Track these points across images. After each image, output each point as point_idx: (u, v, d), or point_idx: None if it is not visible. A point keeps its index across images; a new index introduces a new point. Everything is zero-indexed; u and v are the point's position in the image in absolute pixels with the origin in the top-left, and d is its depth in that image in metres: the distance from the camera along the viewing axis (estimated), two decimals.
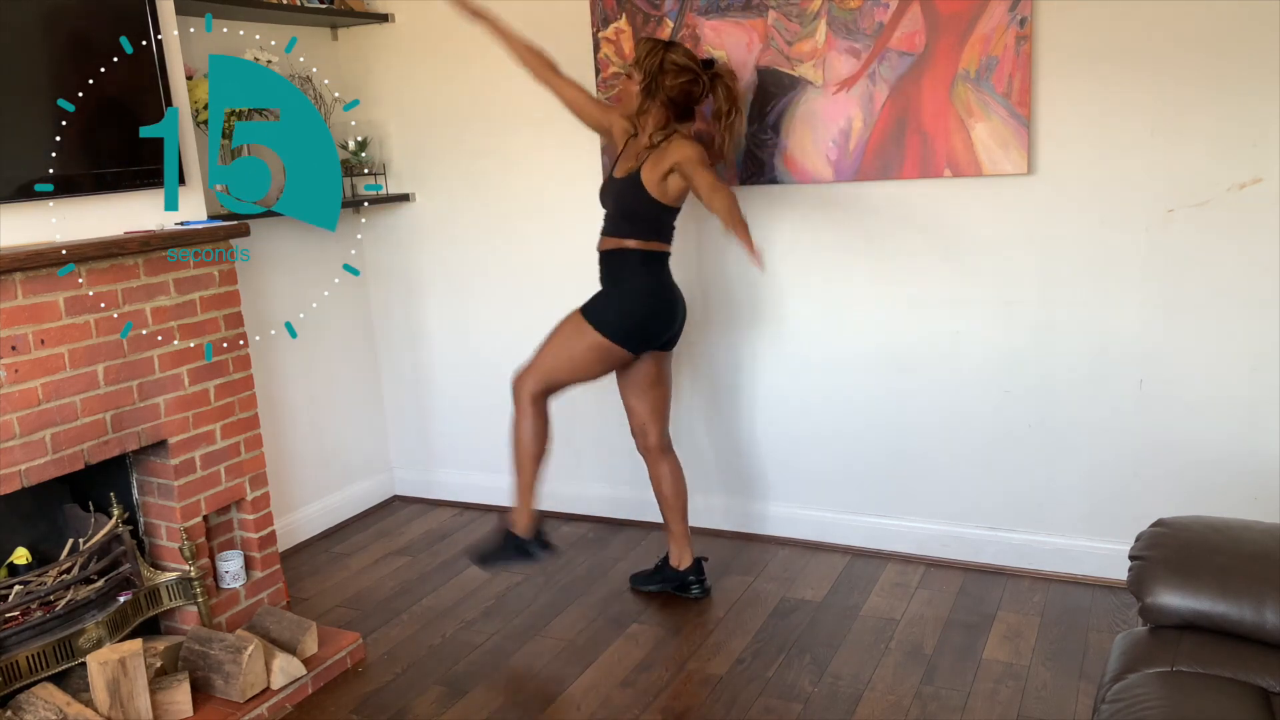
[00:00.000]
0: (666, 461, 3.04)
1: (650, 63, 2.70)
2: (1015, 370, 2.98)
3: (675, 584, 3.06)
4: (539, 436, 2.89)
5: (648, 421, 3.00)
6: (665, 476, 3.04)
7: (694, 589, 3.04)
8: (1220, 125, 2.62)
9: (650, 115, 2.75)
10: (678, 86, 2.71)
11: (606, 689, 2.61)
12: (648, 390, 2.97)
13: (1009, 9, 2.74)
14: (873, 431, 3.21)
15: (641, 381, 2.96)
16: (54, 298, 2.36)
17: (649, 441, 3.02)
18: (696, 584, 3.04)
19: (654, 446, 3.02)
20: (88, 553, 2.53)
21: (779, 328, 3.25)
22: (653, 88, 2.71)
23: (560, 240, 3.54)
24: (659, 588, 3.09)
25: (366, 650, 2.85)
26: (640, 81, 2.72)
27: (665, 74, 2.70)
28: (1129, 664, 1.70)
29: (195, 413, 2.71)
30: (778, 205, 3.17)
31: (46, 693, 2.31)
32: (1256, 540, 1.76)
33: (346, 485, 3.89)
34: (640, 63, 2.72)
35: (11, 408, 2.29)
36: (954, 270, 3.00)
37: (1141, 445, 2.87)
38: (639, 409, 3.00)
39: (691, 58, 2.74)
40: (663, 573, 3.09)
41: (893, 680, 2.56)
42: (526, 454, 2.89)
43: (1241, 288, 2.68)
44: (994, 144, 2.83)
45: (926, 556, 3.20)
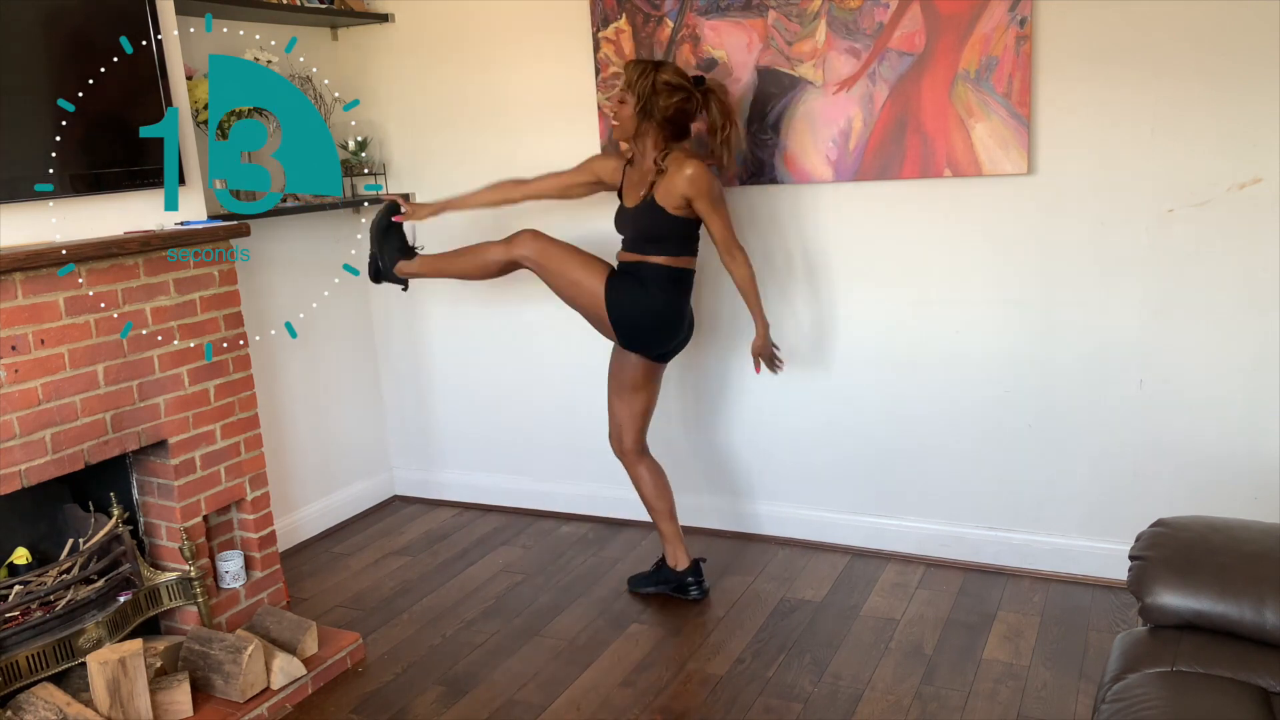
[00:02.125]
0: (643, 465, 3.04)
1: (643, 85, 2.72)
2: (1015, 370, 2.98)
3: (673, 585, 3.06)
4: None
5: (624, 424, 3.00)
6: (644, 480, 3.04)
7: (692, 590, 3.03)
8: (1220, 125, 2.62)
9: (648, 137, 2.78)
10: (672, 106, 2.74)
11: (606, 689, 2.61)
12: (631, 393, 2.97)
13: (1009, 9, 2.74)
14: (873, 431, 3.21)
15: (627, 383, 2.97)
16: (54, 298, 2.36)
17: (623, 445, 3.03)
18: (695, 585, 3.03)
19: (628, 450, 3.03)
20: (88, 553, 2.53)
21: (778, 328, 3.24)
22: (648, 109, 2.74)
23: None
24: (656, 589, 3.09)
25: (366, 650, 2.85)
26: (635, 105, 2.74)
27: (658, 95, 2.72)
28: (1129, 664, 1.70)
29: (195, 413, 2.71)
30: (778, 205, 3.17)
31: (46, 693, 2.31)
32: (1256, 540, 1.76)
33: (346, 485, 3.89)
34: (632, 86, 2.74)
35: (11, 408, 2.29)
36: (954, 270, 3.00)
37: (1141, 445, 2.87)
38: (619, 411, 3.01)
39: (682, 75, 2.76)
40: (660, 574, 3.09)
41: (893, 680, 2.56)
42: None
43: (1241, 288, 2.68)
44: (994, 144, 2.83)
45: (926, 556, 3.20)
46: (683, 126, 2.81)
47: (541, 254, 2.85)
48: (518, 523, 3.73)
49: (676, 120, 2.77)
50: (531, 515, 3.79)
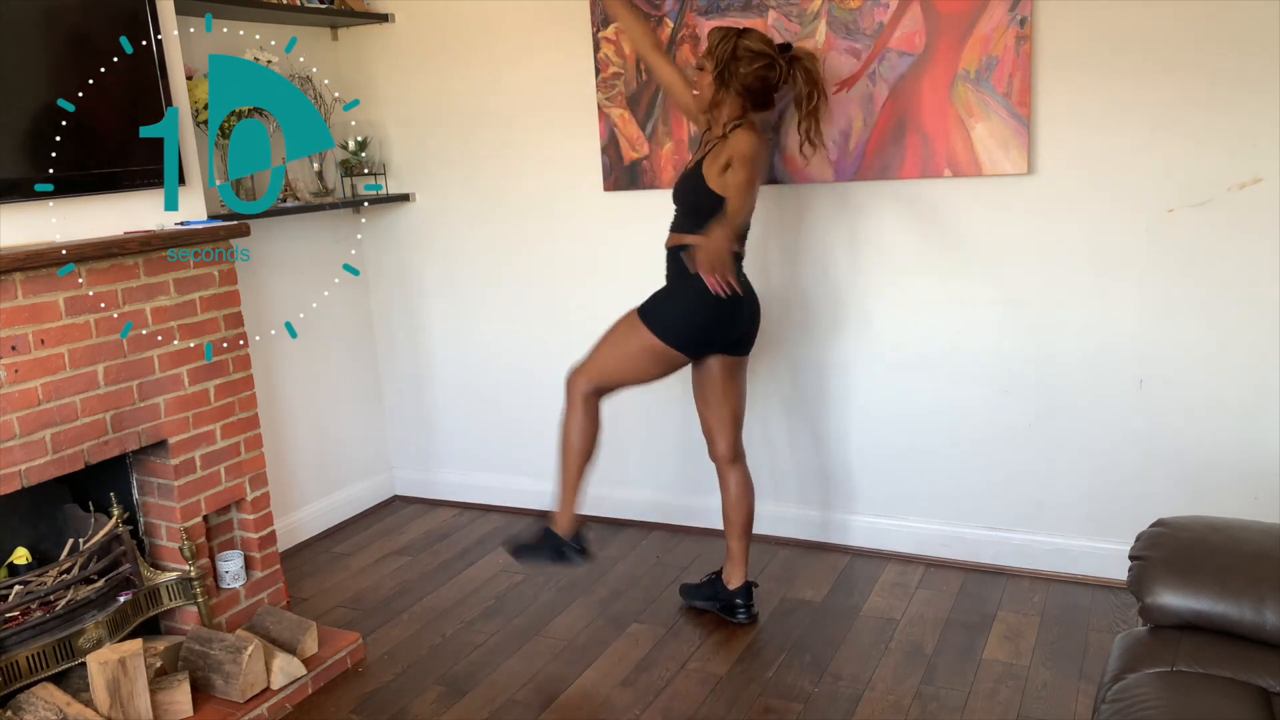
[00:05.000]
0: (734, 473, 2.87)
1: (723, 50, 2.56)
2: (1015, 370, 2.98)
3: (723, 605, 2.91)
4: (587, 436, 2.76)
5: (714, 429, 2.84)
6: (730, 489, 2.88)
7: (739, 613, 2.88)
8: (1220, 125, 2.62)
9: (725, 106, 2.62)
10: (753, 74, 2.56)
11: (606, 689, 2.61)
12: (713, 397, 2.81)
13: (1009, 9, 2.74)
14: (872, 431, 3.21)
15: (707, 386, 2.81)
16: (54, 298, 2.36)
17: (716, 451, 2.87)
18: (744, 609, 2.88)
19: (721, 456, 2.86)
20: (88, 553, 2.53)
21: (777, 327, 3.24)
22: (726, 77, 2.57)
23: (560, 239, 3.54)
24: (707, 605, 2.94)
25: (366, 650, 2.85)
26: (712, 71, 2.58)
27: (739, 61, 2.55)
28: (1129, 664, 1.70)
29: (195, 413, 2.71)
30: (778, 205, 3.17)
31: (46, 693, 2.31)
32: (1256, 540, 1.76)
33: (346, 485, 3.89)
34: (713, 51, 2.58)
35: (11, 408, 2.29)
36: (954, 270, 3.00)
37: (1141, 445, 2.87)
38: (706, 415, 2.85)
39: (767, 42, 2.59)
40: (715, 588, 2.94)
41: (893, 680, 2.56)
42: (574, 453, 2.77)
43: (1241, 288, 2.69)
44: (994, 144, 2.83)
45: (926, 556, 3.20)
46: (764, 97, 2.63)
47: (593, 374, 2.71)
48: (518, 523, 3.73)
49: (757, 89, 2.59)
50: (531, 515, 3.79)
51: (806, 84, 2.64)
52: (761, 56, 2.57)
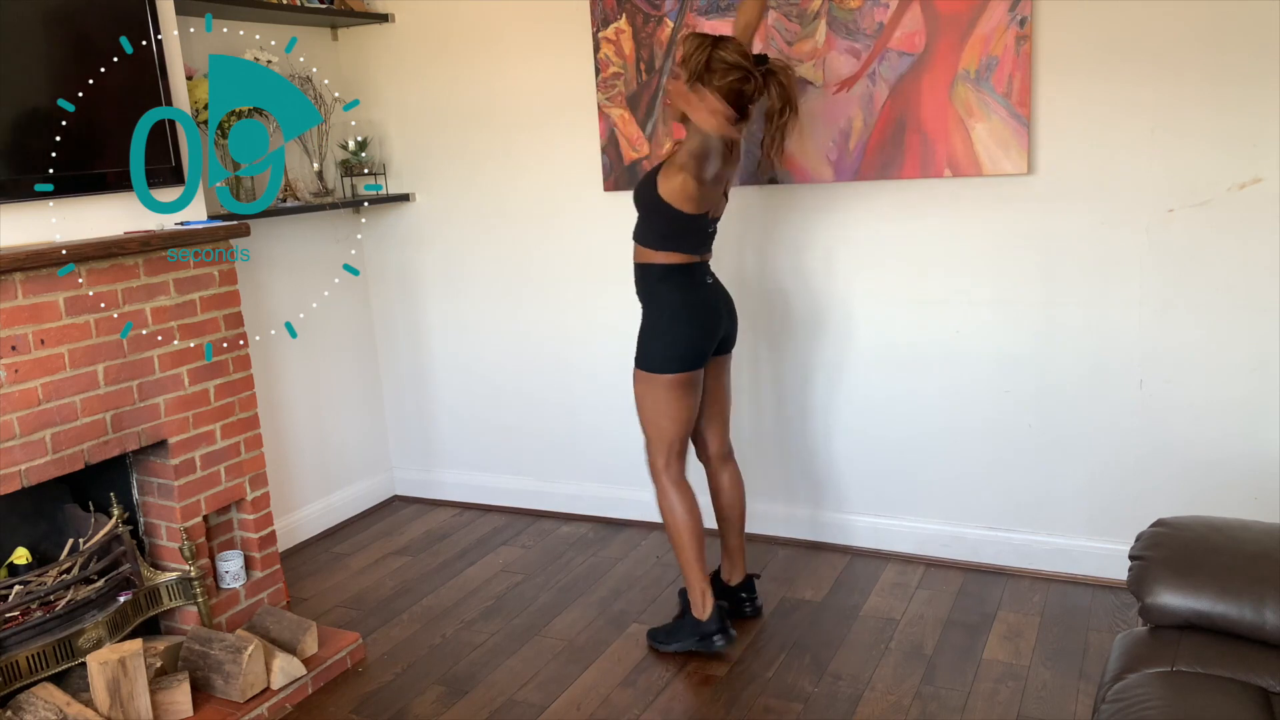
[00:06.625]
0: (726, 470, 2.87)
1: (697, 60, 2.46)
2: (1015, 370, 2.98)
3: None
4: (688, 510, 2.70)
5: (706, 430, 2.83)
6: (724, 486, 2.87)
7: (745, 606, 2.89)
8: (1220, 125, 2.62)
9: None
10: (726, 85, 2.46)
11: (606, 689, 2.61)
12: (703, 399, 2.77)
13: (1009, 9, 2.74)
14: (872, 431, 3.21)
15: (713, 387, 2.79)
16: (54, 298, 2.36)
17: (708, 451, 2.86)
18: (749, 602, 2.89)
19: (714, 455, 2.86)
20: (88, 553, 2.53)
21: (777, 328, 3.24)
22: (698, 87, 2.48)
23: (560, 239, 3.54)
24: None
25: (366, 650, 2.85)
26: (685, 80, 2.48)
27: (713, 73, 2.45)
28: (1129, 664, 1.70)
29: (195, 413, 2.71)
30: (778, 205, 3.17)
31: (46, 693, 2.31)
32: (1256, 540, 1.76)
33: (346, 485, 3.89)
34: (686, 60, 2.48)
35: (11, 408, 2.29)
36: (954, 270, 3.00)
37: (1141, 445, 2.87)
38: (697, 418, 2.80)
39: (743, 54, 2.49)
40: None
41: (893, 680, 2.56)
42: (682, 531, 2.70)
43: (1241, 288, 2.68)
44: (994, 144, 2.83)
45: (926, 556, 3.20)
46: (738, 109, 2.52)
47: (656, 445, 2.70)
48: (518, 523, 3.73)
49: (730, 102, 2.47)
50: (531, 515, 3.79)
51: (780, 99, 2.55)
52: (736, 69, 2.47)
